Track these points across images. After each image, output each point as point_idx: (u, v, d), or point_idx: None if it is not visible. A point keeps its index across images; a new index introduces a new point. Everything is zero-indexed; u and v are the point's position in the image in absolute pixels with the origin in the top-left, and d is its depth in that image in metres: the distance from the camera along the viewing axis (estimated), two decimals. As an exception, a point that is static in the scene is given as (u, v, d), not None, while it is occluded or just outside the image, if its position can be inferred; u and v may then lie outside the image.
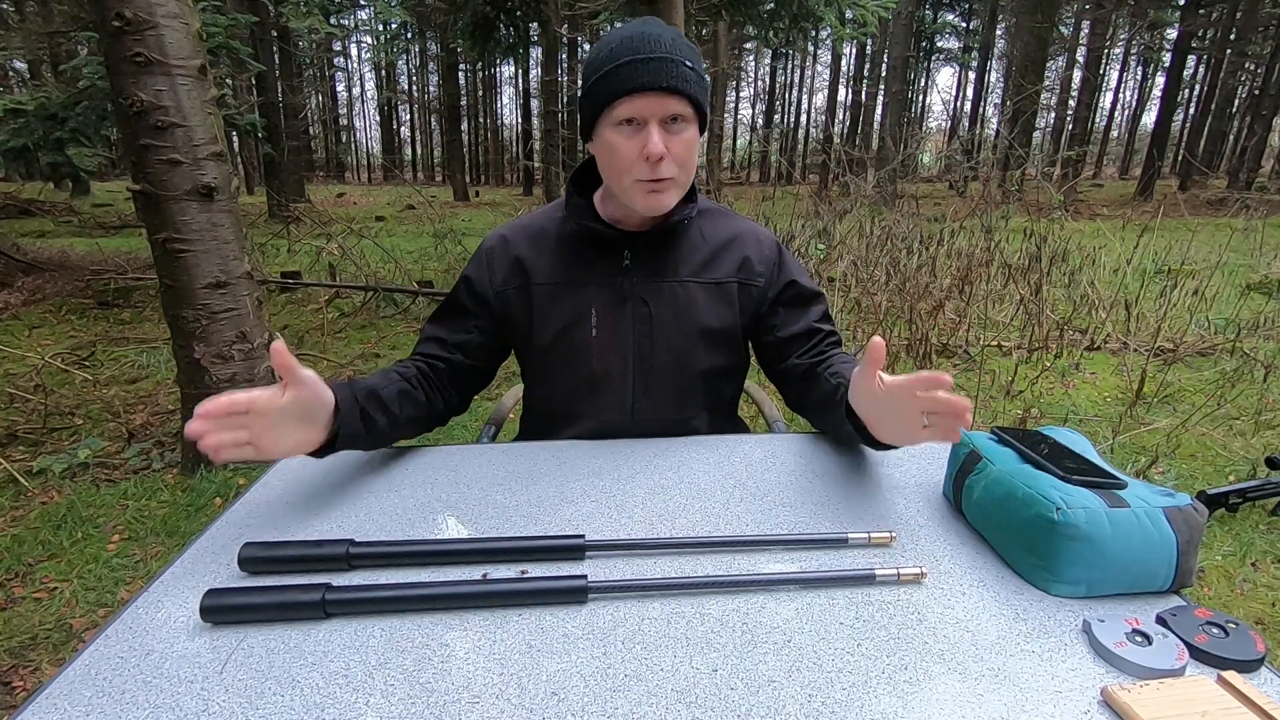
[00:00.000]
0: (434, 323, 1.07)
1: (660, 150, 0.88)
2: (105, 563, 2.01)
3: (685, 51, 0.88)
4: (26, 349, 4.00)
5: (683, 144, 0.90)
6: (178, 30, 2.16)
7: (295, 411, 0.73)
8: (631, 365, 1.03)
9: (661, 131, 0.88)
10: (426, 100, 34.72)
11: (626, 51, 0.87)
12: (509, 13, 5.52)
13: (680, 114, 0.88)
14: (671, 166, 0.90)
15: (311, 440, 0.77)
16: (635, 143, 0.89)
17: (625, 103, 0.87)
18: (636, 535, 0.75)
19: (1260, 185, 13.66)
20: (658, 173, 0.89)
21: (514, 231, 1.06)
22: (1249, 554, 2.05)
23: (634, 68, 0.86)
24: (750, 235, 1.07)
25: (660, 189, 0.92)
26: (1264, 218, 7.41)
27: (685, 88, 0.87)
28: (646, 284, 1.01)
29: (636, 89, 0.86)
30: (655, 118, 0.88)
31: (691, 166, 0.94)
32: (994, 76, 27.55)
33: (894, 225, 5.25)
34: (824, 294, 1.10)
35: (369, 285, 5.24)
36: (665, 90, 0.86)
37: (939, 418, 0.66)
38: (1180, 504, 0.64)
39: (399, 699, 0.52)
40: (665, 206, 0.93)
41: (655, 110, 0.87)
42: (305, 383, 0.73)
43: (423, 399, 0.99)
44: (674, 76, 0.86)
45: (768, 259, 1.07)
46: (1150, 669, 0.53)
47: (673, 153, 0.90)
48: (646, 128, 0.88)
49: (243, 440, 0.69)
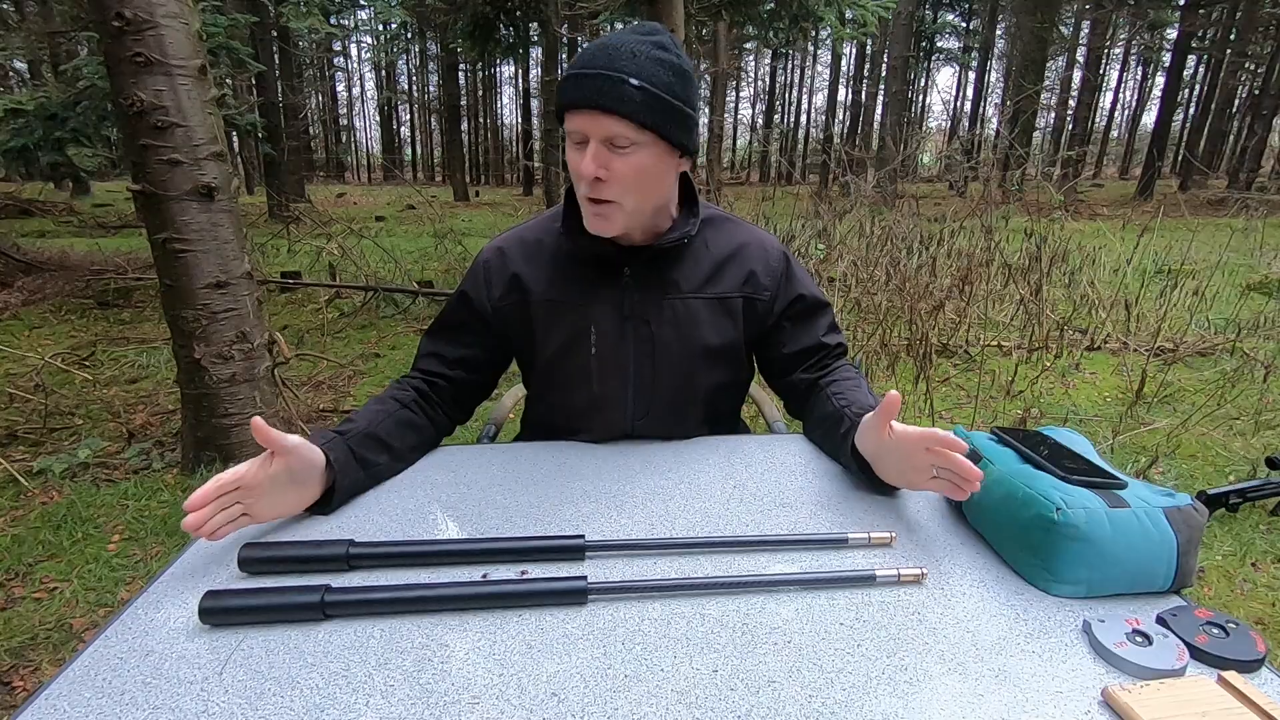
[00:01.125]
0: (432, 338, 1.05)
1: (589, 171, 0.83)
2: (105, 563, 2.01)
3: (645, 69, 0.82)
4: (26, 349, 4.00)
5: (628, 166, 0.84)
6: (178, 30, 2.16)
7: (285, 477, 0.74)
8: (632, 387, 1.01)
9: (603, 151, 0.83)
10: (426, 100, 34.71)
11: (576, 64, 0.83)
12: (509, 13, 5.52)
13: (621, 135, 0.83)
14: (612, 189, 0.85)
15: (307, 498, 0.78)
16: (578, 158, 0.85)
17: (570, 117, 0.84)
18: (636, 536, 0.74)
19: (1260, 185, 13.65)
20: (595, 193, 0.85)
21: (510, 244, 1.03)
22: (1249, 554, 2.05)
23: (573, 82, 0.82)
24: (757, 246, 1.03)
25: (602, 213, 0.87)
26: (1264, 218, 7.41)
27: (623, 109, 0.81)
28: (647, 301, 0.98)
29: (571, 105, 0.83)
30: (595, 137, 0.83)
31: (643, 191, 0.88)
32: (994, 76, 27.55)
33: (894, 225, 5.24)
34: (830, 304, 1.08)
35: (369, 285, 5.24)
36: (600, 110, 0.81)
37: (951, 474, 0.70)
38: (1180, 504, 0.64)
39: (399, 699, 0.52)
40: (606, 232, 0.89)
41: (592, 129, 0.83)
42: (291, 450, 0.74)
43: (424, 422, 0.97)
44: (610, 96, 0.81)
45: (775, 271, 1.03)
46: (1150, 669, 0.53)
47: (615, 174, 0.84)
48: (586, 147, 0.84)
49: (236, 515, 0.71)
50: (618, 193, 0.86)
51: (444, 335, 1.04)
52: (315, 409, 3.16)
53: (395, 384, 1.00)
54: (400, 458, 0.91)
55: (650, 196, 0.90)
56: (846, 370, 1.02)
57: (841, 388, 0.95)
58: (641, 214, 0.91)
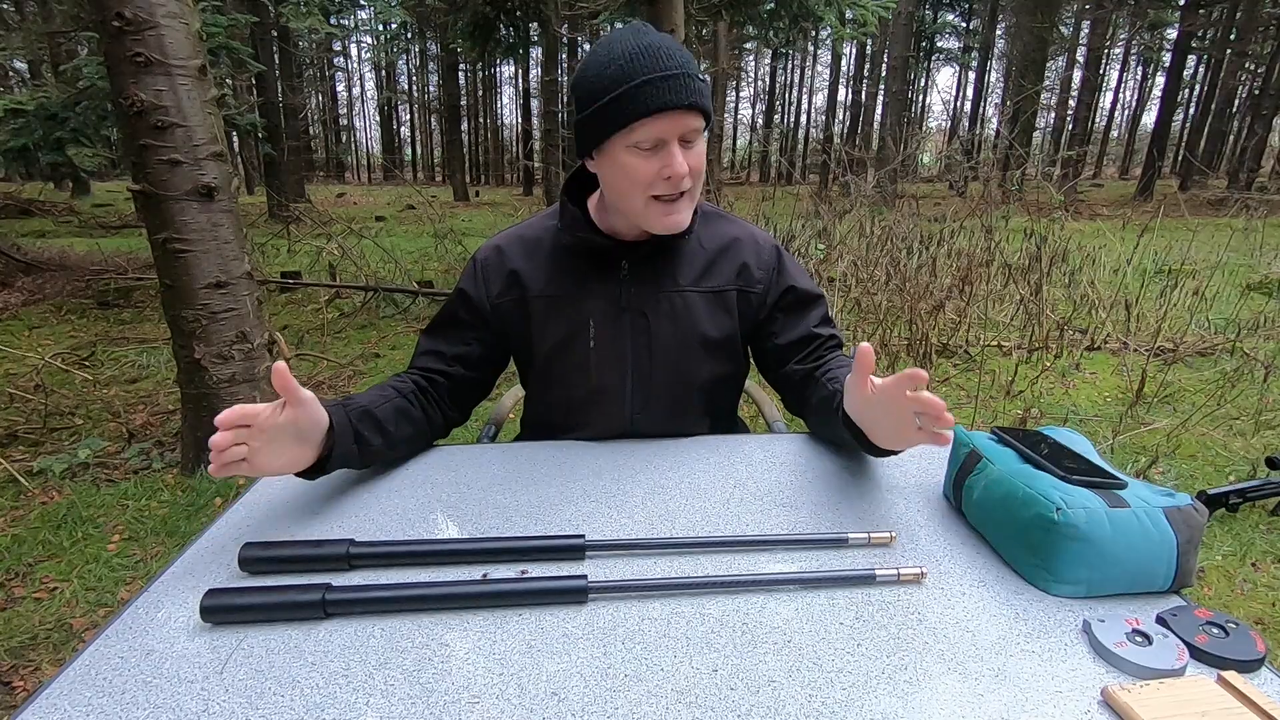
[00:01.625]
0: (431, 336, 1.05)
1: (685, 170, 0.86)
2: (105, 563, 2.01)
3: (692, 62, 0.86)
4: (26, 349, 4.00)
5: (698, 157, 0.88)
6: (178, 30, 2.16)
7: (292, 430, 0.74)
8: (630, 379, 1.02)
9: (680, 148, 0.86)
10: (426, 100, 34.72)
11: (642, 70, 0.82)
12: (509, 13, 5.52)
13: (695, 130, 0.86)
14: (688, 181, 0.88)
15: (304, 459, 0.77)
16: (654, 163, 0.85)
17: (647, 124, 0.83)
18: (636, 535, 0.75)
19: (1260, 185, 13.65)
20: (679, 188, 0.88)
21: (508, 242, 1.04)
22: (1249, 554, 2.05)
23: (654, 88, 0.82)
24: (749, 240, 1.05)
25: (678, 208, 0.90)
26: (1264, 218, 7.41)
27: (702, 102, 0.85)
28: (644, 295, 0.99)
29: (659, 109, 0.82)
30: (675, 136, 0.85)
31: (702, 179, 0.92)
32: (994, 76, 27.55)
33: (894, 225, 5.24)
34: (824, 296, 1.08)
35: (369, 285, 5.24)
36: (686, 109, 0.83)
37: (925, 418, 0.65)
38: (1180, 504, 0.64)
39: (399, 699, 0.52)
40: (683, 224, 0.92)
41: (678, 130, 0.84)
42: (304, 403, 0.74)
43: (420, 415, 0.97)
44: (694, 92, 0.83)
45: (767, 264, 1.04)
46: (1150, 669, 0.53)
47: (691, 168, 0.87)
48: (668, 147, 0.85)
49: (240, 456, 0.70)
50: (690, 183, 0.89)
51: (442, 333, 1.05)
52: (315, 409, 3.15)
53: (395, 377, 1.01)
54: (393, 445, 0.91)
55: (703, 181, 0.93)
56: (840, 359, 1.02)
57: (836, 374, 0.95)
58: (696, 199, 0.94)
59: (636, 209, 0.90)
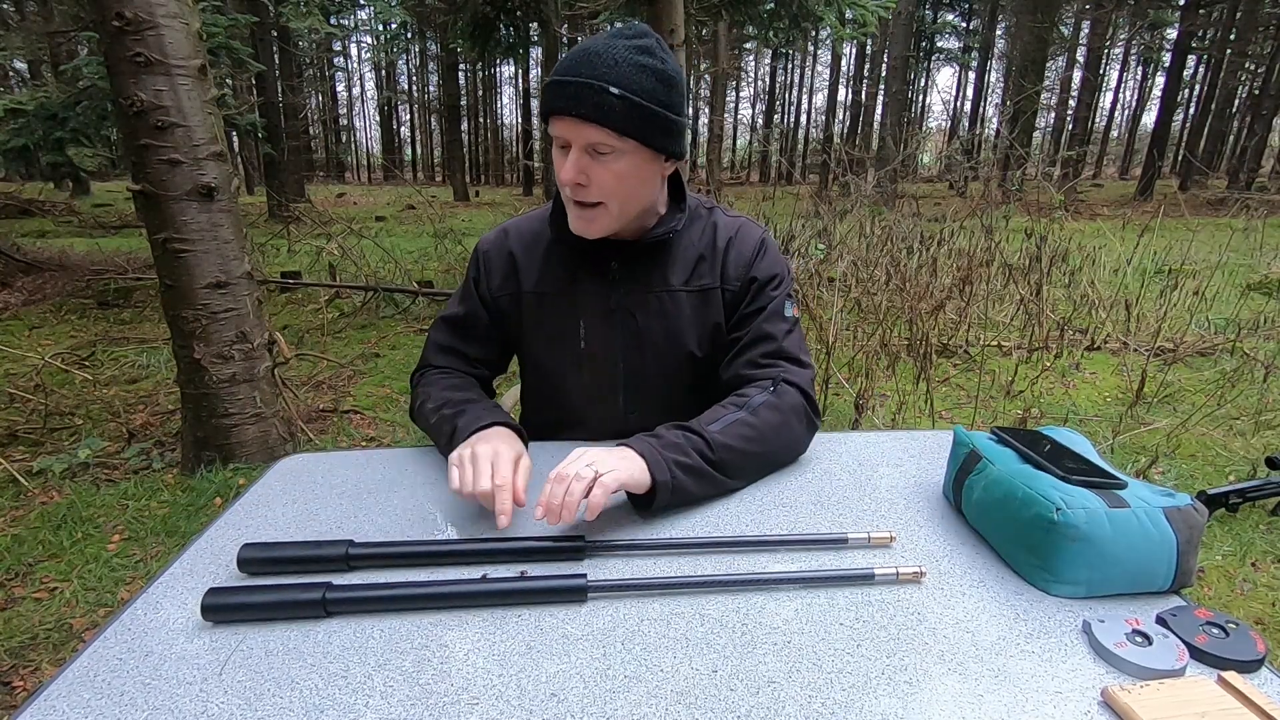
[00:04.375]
0: (448, 333, 1.05)
1: (570, 176, 0.85)
2: (105, 563, 2.01)
3: (627, 76, 0.81)
4: (26, 349, 4.00)
5: (610, 174, 0.85)
6: (178, 30, 2.16)
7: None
8: (622, 379, 1.02)
9: (584, 157, 0.85)
10: (426, 100, 34.71)
11: (559, 70, 0.84)
12: (509, 13, 5.52)
13: (601, 143, 0.83)
14: (594, 193, 0.86)
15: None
16: (562, 161, 0.86)
17: (552, 122, 0.85)
18: (636, 535, 0.74)
19: (1260, 185, 13.66)
20: (579, 196, 0.87)
21: (510, 231, 1.05)
22: (1249, 554, 2.05)
23: (555, 90, 0.83)
24: (737, 234, 1.02)
25: (586, 216, 0.89)
26: (1264, 218, 7.41)
27: (602, 118, 0.81)
28: (634, 295, 0.99)
29: (554, 112, 0.84)
30: (577, 143, 0.84)
31: (628, 197, 0.89)
32: (994, 76, 27.55)
33: (894, 225, 5.24)
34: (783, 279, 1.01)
35: (369, 285, 5.24)
36: (580, 118, 0.82)
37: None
38: (1180, 504, 0.64)
39: (399, 699, 0.52)
40: (590, 233, 0.90)
41: (574, 136, 0.84)
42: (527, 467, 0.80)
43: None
44: (590, 105, 0.81)
45: (746, 260, 1.00)
46: (1150, 669, 0.53)
47: (596, 180, 0.86)
48: (569, 152, 0.85)
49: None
50: (601, 196, 0.87)
51: (461, 333, 1.05)
52: (315, 409, 3.16)
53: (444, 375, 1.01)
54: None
55: (634, 200, 0.91)
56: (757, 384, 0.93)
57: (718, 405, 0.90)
58: (626, 216, 0.92)
59: (565, 202, 0.91)
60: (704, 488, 0.81)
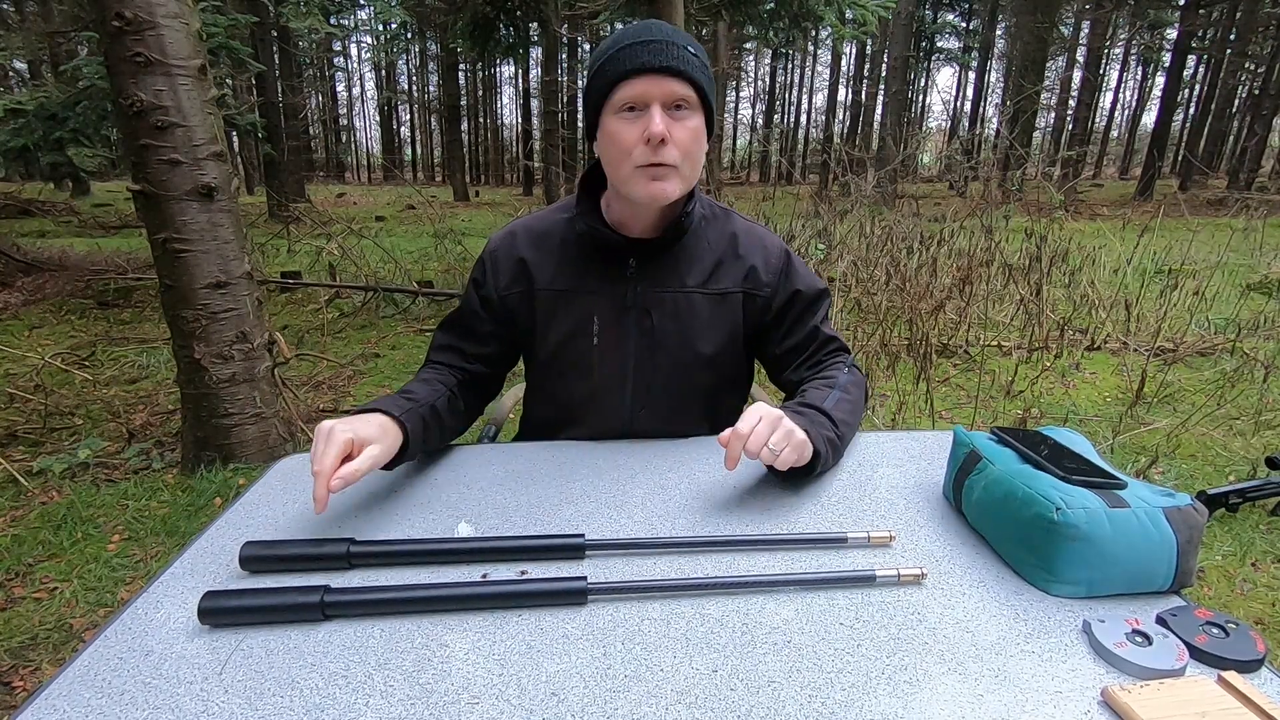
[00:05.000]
0: (449, 333, 1.05)
1: (662, 130, 0.84)
2: (105, 563, 2.01)
3: (687, 40, 0.87)
4: (26, 349, 4.00)
5: (688, 131, 0.87)
6: (178, 30, 2.16)
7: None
8: (631, 379, 1.01)
9: (665, 116, 0.86)
10: (426, 100, 34.71)
11: (627, 39, 0.86)
12: (509, 13, 5.52)
13: (684, 98, 0.86)
14: (674, 153, 0.86)
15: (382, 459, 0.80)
16: (637, 126, 0.86)
17: (626, 86, 0.85)
18: (636, 535, 0.74)
19: (1260, 185, 13.66)
20: (660, 157, 0.86)
21: (519, 230, 1.04)
22: (1249, 554, 2.05)
23: (633, 50, 0.85)
24: (758, 242, 1.04)
25: (662, 175, 0.88)
26: (1264, 218, 7.41)
27: (687, 70, 0.85)
28: (650, 293, 0.99)
29: (636, 70, 0.84)
30: (658, 100, 0.85)
31: (697, 158, 0.90)
32: (994, 76, 27.55)
33: (894, 225, 5.24)
34: (828, 292, 1.08)
35: (369, 285, 5.24)
36: (666, 71, 0.84)
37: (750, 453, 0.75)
38: (1180, 504, 0.64)
39: (399, 700, 0.52)
40: (667, 196, 0.89)
41: (657, 92, 0.85)
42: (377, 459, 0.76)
43: (462, 409, 1.01)
44: (674, 58, 0.84)
45: (775, 268, 1.03)
46: (1150, 669, 0.53)
47: (676, 139, 0.86)
48: (649, 110, 0.85)
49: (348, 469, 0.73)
50: (677, 157, 0.87)
51: (462, 331, 1.05)
52: (315, 409, 3.16)
53: (431, 370, 1.02)
54: (444, 437, 0.96)
55: (697, 166, 0.92)
56: (831, 370, 1.01)
57: (808, 387, 0.95)
58: (689, 184, 0.92)
59: (625, 177, 0.89)
60: (834, 461, 0.88)
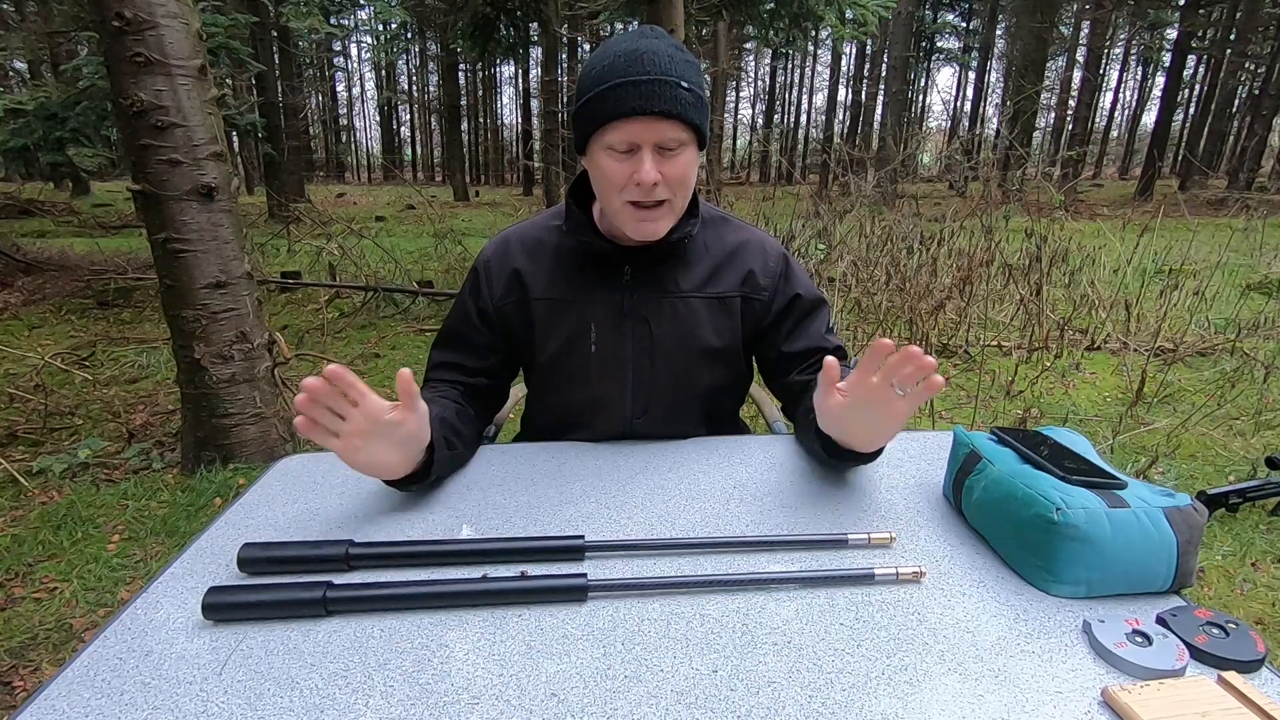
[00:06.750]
0: (446, 350, 1.04)
1: (653, 178, 0.83)
2: (105, 563, 2.01)
3: (682, 69, 0.83)
4: (26, 349, 4.00)
5: (678, 167, 0.86)
6: (178, 30, 2.16)
7: (395, 435, 0.72)
8: (631, 385, 1.01)
9: (655, 156, 0.84)
10: (426, 100, 34.71)
11: (618, 72, 0.81)
12: (509, 13, 5.51)
13: (672, 139, 0.83)
14: (665, 190, 0.86)
15: (395, 469, 0.76)
16: (627, 167, 0.84)
17: (615, 128, 0.82)
18: (636, 535, 0.74)
19: (1260, 185, 13.65)
20: (651, 196, 0.85)
21: (512, 240, 1.03)
22: (1249, 554, 2.05)
23: (624, 91, 0.81)
24: (756, 246, 1.03)
25: (652, 216, 0.88)
26: (1264, 218, 7.40)
27: (680, 111, 0.82)
28: (647, 300, 0.98)
29: (629, 114, 0.81)
30: (648, 144, 0.83)
31: (688, 188, 0.89)
32: (994, 76, 27.55)
33: (894, 225, 5.24)
34: (826, 302, 1.07)
35: (369, 285, 5.24)
36: (658, 115, 0.81)
37: (908, 377, 0.63)
38: (1180, 504, 0.64)
39: (399, 699, 0.52)
40: (657, 234, 0.89)
41: (648, 136, 0.82)
42: (417, 413, 0.73)
43: (479, 429, 1.00)
44: (667, 100, 0.81)
45: (774, 271, 1.03)
46: (1150, 669, 0.53)
47: (667, 176, 0.85)
48: (639, 153, 0.83)
49: (333, 431, 0.69)
50: (669, 193, 0.87)
51: (459, 347, 1.03)
52: (315, 409, 3.15)
53: (432, 388, 1.00)
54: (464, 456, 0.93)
55: (689, 192, 0.91)
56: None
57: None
58: (680, 213, 0.92)
59: (614, 210, 0.89)
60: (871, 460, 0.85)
